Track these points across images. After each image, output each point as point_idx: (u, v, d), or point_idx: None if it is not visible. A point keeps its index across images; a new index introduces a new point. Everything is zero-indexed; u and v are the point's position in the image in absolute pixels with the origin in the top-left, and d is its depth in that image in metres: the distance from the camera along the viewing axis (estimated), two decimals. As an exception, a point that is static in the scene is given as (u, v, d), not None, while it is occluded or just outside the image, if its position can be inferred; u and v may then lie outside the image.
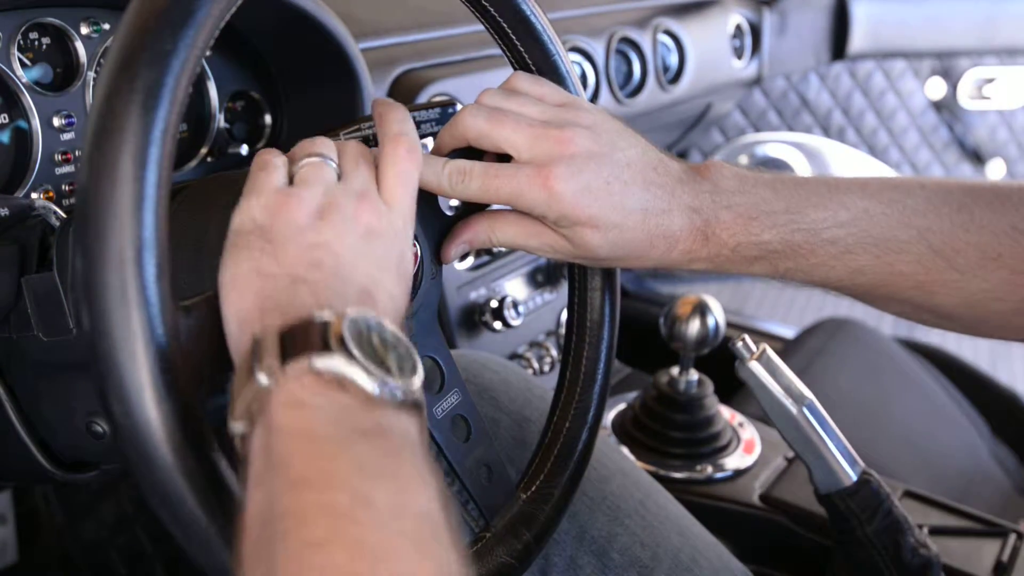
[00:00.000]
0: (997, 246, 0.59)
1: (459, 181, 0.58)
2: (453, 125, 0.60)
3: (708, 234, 0.60)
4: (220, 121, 0.86)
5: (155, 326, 0.36)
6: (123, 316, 0.36)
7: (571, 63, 0.66)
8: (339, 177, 0.52)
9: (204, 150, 0.86)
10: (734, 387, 1.19)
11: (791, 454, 1.03)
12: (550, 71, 0.64)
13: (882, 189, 0.61)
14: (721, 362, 0.69)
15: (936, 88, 2.17)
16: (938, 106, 2.19)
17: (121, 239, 0.36)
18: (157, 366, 0.36)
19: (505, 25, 0.62)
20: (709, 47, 1.58)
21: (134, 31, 0.39)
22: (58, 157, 0.73)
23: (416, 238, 0.57)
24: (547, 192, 0.57)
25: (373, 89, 0.89)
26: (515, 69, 0.65)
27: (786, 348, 1.45)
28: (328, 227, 0.47)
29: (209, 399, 0.42)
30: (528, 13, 0.62)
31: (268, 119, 0.91)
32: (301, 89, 0.90)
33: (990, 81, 2.15)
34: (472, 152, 0.61)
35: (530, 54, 0.64)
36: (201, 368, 0.41)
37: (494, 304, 1.10)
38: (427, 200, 0.59)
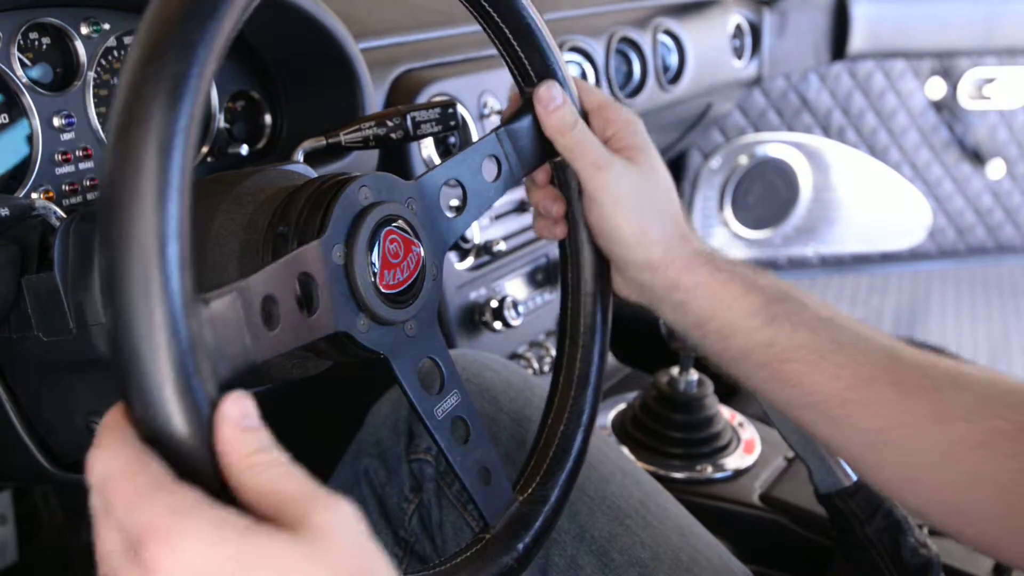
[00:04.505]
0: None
1: None
2: None
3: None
4: (220, 121, 0.86)
5: (177, 319, 0.36)
6: (145, 309, 0.35)
7: (565, 63, 0.66)
8: None
9: (204, 150, 0.85)
10: (734, 387, 1.19)
11: (791, 454, 1.03)
12: (545, 69, 0.64)
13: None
14: (721, 362, 0.69)
15: (936, 88, 2.17)
16: (938, 106, 2.19)
17: (144, 230, 0.35)
18: (179, 360, 0.36)
19: (505, 28, 0.62)
20: (709, 47, 1.58)
21: (159, 21, 0.39)
22: (58, 157, 0.73)
23: (418, 237, 0.57)
24: None
25: (373, 89, 0.89)
26: (512, 71, 0.65)
27: (786, 348, 1.44)
28: None
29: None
30: (526, 15, 0.62)
31: (268, 119, 0.91)
32: (301, 89, 0.90)
33: (990, 81, 2.15)
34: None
35: (528, 56, 0.64)
36: (219, 360, 0.40)
37: (494, 304, 1.09)
38: (427, 198, 0.59)
